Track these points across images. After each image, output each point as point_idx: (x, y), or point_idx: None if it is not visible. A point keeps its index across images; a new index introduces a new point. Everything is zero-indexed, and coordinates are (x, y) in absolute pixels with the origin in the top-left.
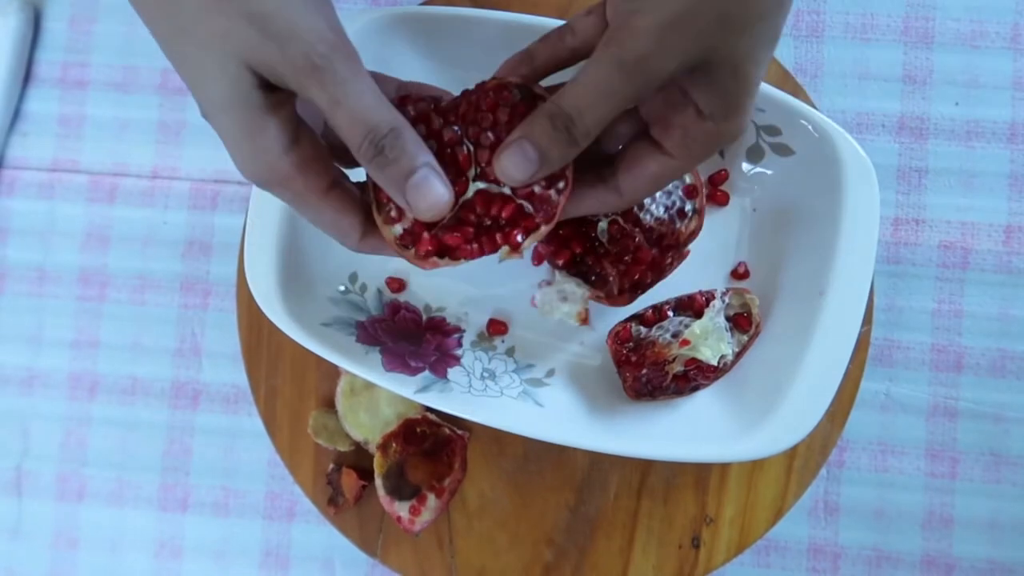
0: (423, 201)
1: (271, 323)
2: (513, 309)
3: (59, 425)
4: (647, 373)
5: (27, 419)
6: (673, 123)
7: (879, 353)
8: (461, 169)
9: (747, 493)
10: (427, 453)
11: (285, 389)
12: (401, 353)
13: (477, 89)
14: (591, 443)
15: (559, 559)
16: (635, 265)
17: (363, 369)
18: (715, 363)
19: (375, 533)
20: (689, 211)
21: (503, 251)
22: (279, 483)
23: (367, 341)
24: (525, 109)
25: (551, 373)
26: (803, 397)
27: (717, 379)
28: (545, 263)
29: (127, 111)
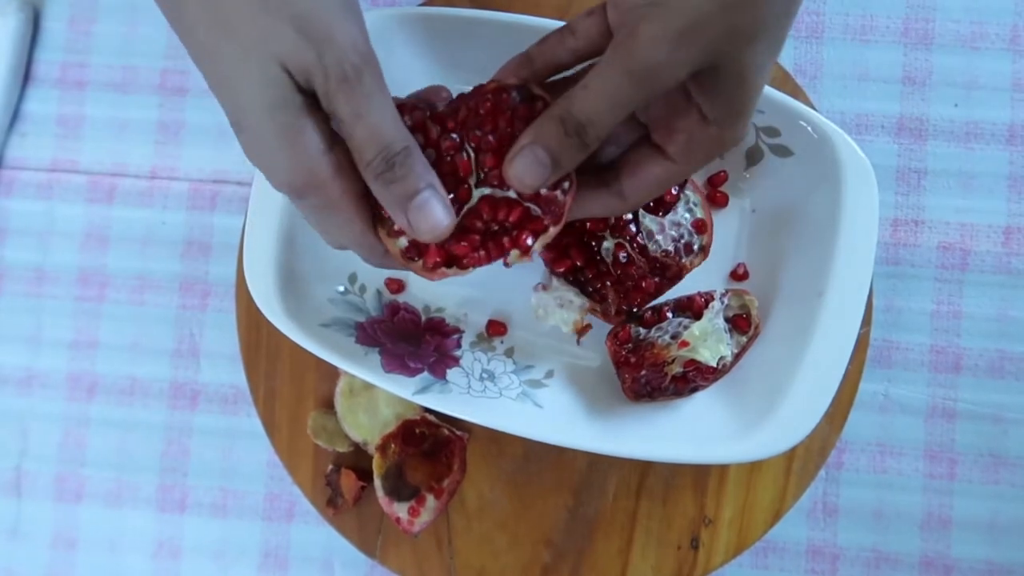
0: (424, 223)
1: (270, 324)
2: (512, 310)
3: (58, 425)
4: (646, 374)
5: (26, 419)
6: (676, 128)
7: (878, 354)
8: (462, 177)
9: (746, 494)
10: (426, 454)
11: (284, 390)
12: (400, 354)
13: (475, 92)
14: (590, 444)
15: (558, 560)
16: (636, 291)
17: (362, 370)
18: (714, 364)
19: (374, 534)
20: (696, 247)
21: (513, 255)
22: (278, 484)
23: (366, 342)
24: (525, 111)
25: (550, 374)
26: (802, 398)
27: (716, 380)
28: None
29: (126, 111)
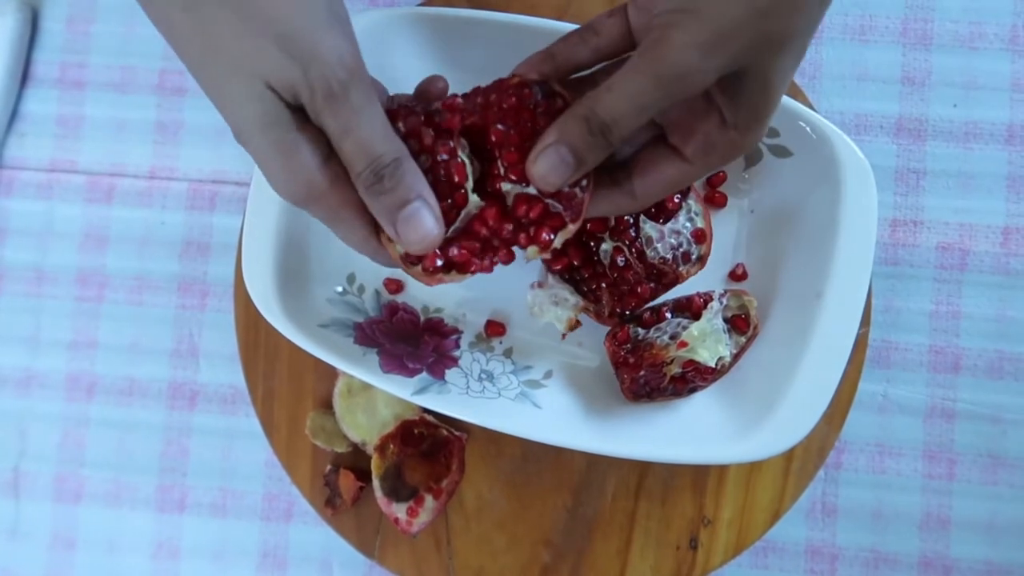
0: (412, 233)
1: (268, 324)
2: (511, 310)
3: (56, 426)
4: (645, 375)
5: (24, 420)
6: (695, 130)
7: (877, 355)
8: (457, 183)
9: (745, 494)
10: (425, 454)
11: (283, 390)
12: (399, 354)
13: (497, 86)
14: (589, 445)
15: (557, 560)
16: (631, 296)
17: (361, 370)
18: (713, 365)
19: (373, 534)
20: (694, 257)
21: (531, 250)
22: (277, 484)
23: (365, 342)
24: (547, 108)
25: (549, 374)
26: (801, 399)
27: (715, 381)
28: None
29: (125, 111)
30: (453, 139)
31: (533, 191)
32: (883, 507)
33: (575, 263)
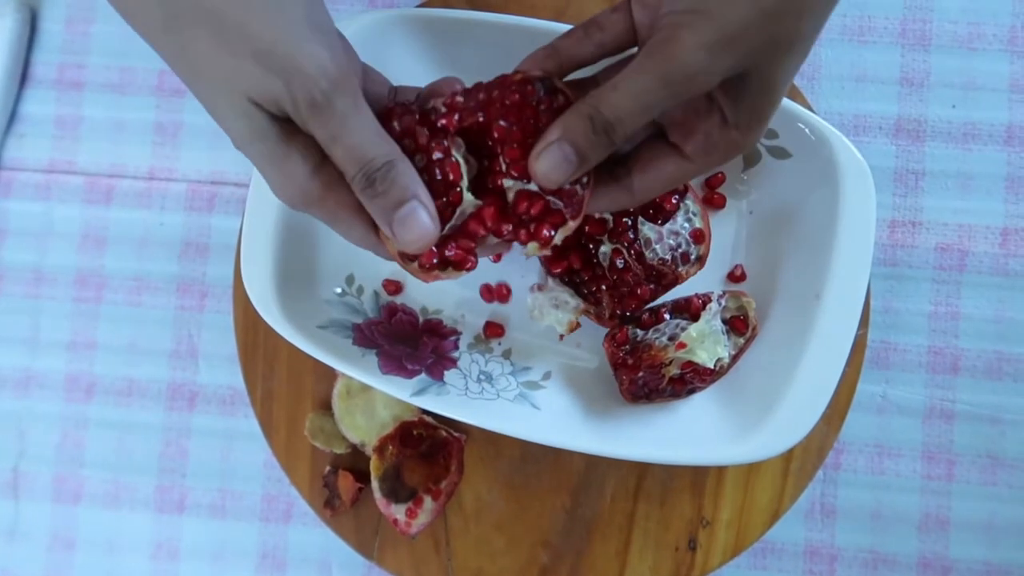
0: (408, 234)
1: (268, 325)
2: (510, 311)
3: (55, 427)
4: (643, 376)
5: (23, 421)
6: (695, 129)
7: (875, 355)
8: (452, 181)
9: (743, 496)
10: (424, 455)
11: (281, 391)
12: (398, 356)
13: (500, 82)
14: (587, 446)
15: (555, 561)
16: (631, 297)
17: (359, 372)
18: (711, 366)
19: (372, 535)
20: (693, 257)
21: (531, 247)
22: (276, 485)
23: (363, 343)
24: (549, 104)
25: (548, 376)
26: (799, 400)
27: (713, 382)
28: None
29: (123, 112)
30: (448, 138)
31: (534, 188)
32: (882, 508)
33: (575, 266)
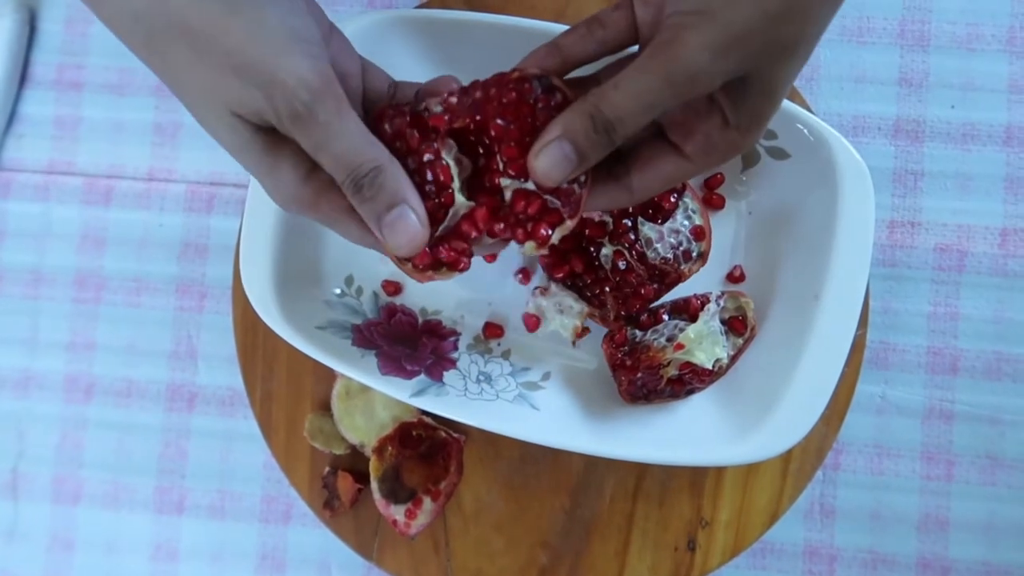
0: (396, 238)
1: (267, 326)
2: (509, 312)
3: (55, 427)
4: (642, 377)
5: (23, 421)
6: (696, 129)
7: (875, 356)
8: (443, 183)
9: (742, 496)
10: (423, 456)
11: (281, 392)
12: (397, 356)
13: (497, 80)
14: (586, 446)
15: (555, 562)
16: (635, 298)
17: (358, 372)
18: (710, 367)
19: (371, 536)
20: (695, 254)
21: (529, 246)
22: (275, 486)
23: (363, 344)
24: (546, 102)
25: (547, 376)
26: (798, 400)
27: (712, 383)
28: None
29: (122, 113)
30: (439, 140)
31: (531, 187)
32: (881, 508)
33: (577, 270)
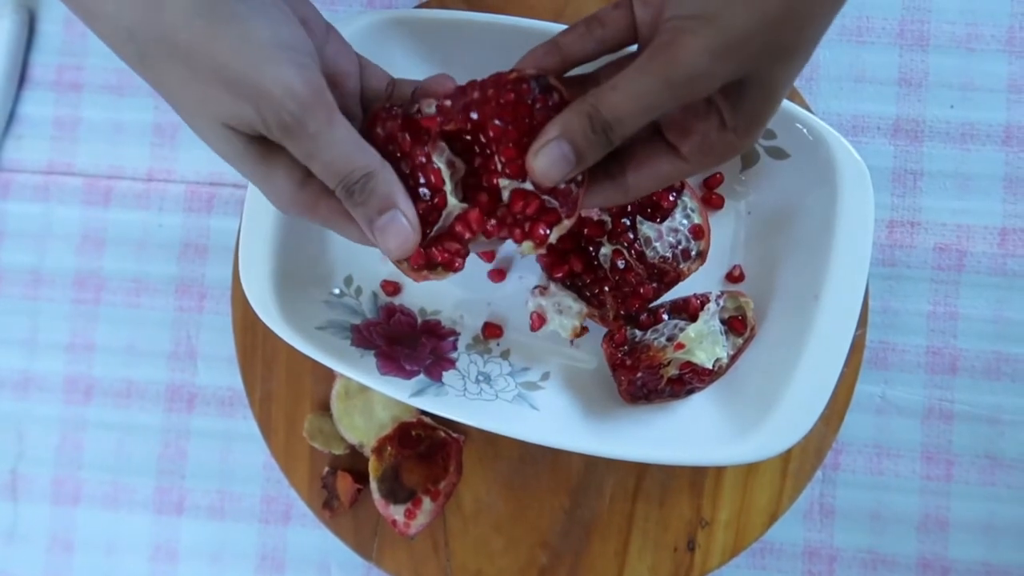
0: (387, 242)
1: (266, 326)
2: (508, 312)
3: (54, 428)
4: (642, 376)
5: (22, 422)
6: (694, 129)
7: (874, 356)
8: (435, 185)
9: (742, 496)
10: (422, 456)
11: (280, 392)
12: (396, 356)
13: (495, 80)
14: (586, 446)
15: (554, 562)
16: (634, 298)
17: (358, 372)
18: (710, 366)
19: (371, 536)
20: (694, 253)
21: (526, 246)
22: (275, 486)
23: (362, 344)
24: (543, 103)
25: (546, 376)
26: (798, 400)
27: (712, 382)
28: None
29: (122, 113)
30: (430, 143)
31: (530, 187)
32: (881, 508)
33: (576, 269)
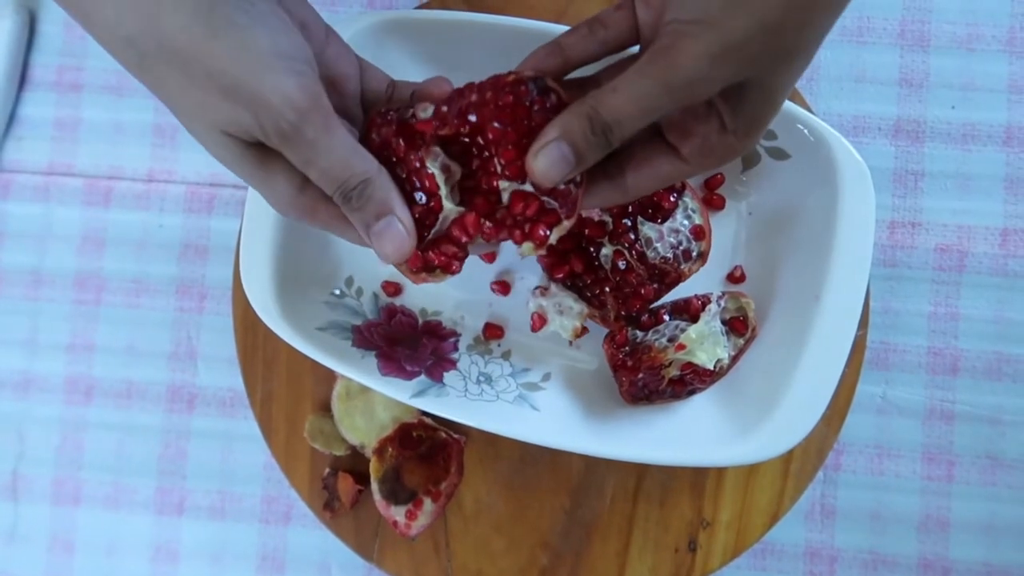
0: (384, 248)
1: (267, 327)
2: (509, 313)
3: (55, 429)
4: (643, 377)
5: (23, 423)
6: (694, 131)
7: (875, 356)
8: (429, 189)
9: (743, 496)
10: (423, 457)
11: (281, 393)
12: (397, 357)
13: (493, 83)
14: (587, 447)
15: (555, 563)
16: (635, 298)
17: (359, 373)
18: (711, 367)
19: (371, 537)
20: (695, 253)
21: (526, 247)
22: (275, 487)
23: (363, 345)
24: (542, 104)
25: (547, 377)
26: (799, 401)
27: (713, 383)
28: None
29: (122, 114)
30: (424, 148)
31: (529, 188)
32: (882, 509)
33: (577, 270)
